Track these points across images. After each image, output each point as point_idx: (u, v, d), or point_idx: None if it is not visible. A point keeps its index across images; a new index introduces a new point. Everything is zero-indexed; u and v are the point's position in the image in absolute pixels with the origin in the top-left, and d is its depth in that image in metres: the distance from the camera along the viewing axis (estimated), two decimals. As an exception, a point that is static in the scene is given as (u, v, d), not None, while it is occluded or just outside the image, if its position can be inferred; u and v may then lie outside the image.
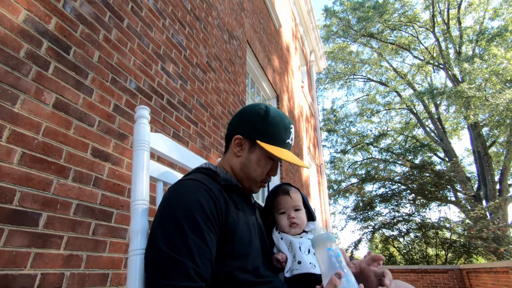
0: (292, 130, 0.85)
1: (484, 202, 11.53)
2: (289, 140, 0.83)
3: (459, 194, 12.02)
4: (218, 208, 0.68)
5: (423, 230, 9.65)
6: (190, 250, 0.58)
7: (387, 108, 17.10)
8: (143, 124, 0.89)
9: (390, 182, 12.55)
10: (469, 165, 15.49)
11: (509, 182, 12.10)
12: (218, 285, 0.65)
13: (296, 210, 0.92)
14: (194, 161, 1.13)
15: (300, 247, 0.84)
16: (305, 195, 1.02)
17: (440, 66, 14.57)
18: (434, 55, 14.68)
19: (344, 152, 16.98)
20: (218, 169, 0.83)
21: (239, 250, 0.69)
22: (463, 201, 11.25)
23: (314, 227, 0.95)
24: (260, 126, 0.81)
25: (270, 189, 1.01)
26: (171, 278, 0.56)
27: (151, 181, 0.89)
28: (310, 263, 0.81)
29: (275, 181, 4.38)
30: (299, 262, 0.81)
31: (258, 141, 0.80)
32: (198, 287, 0.56)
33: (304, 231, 0.93)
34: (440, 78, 21.07)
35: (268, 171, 0.84)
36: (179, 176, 1.04)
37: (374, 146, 16.37)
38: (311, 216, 0.99)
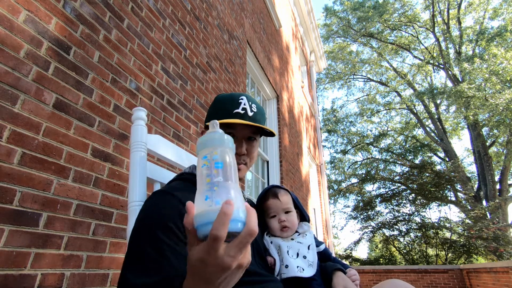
0: (244, 101, 0.77)
1: (484, 202, 11.53)
2: (238, 110, 0.76)
3: (459, 194, 12.03)
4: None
5: (423, 230, 9.64)
6: (146, 270, 0.56)
7: (387, 108, 17.10)
8: (140, 126, 0.90)
9: (390, 182, 12.55)
10: (469, 165, 15.51)
11: (509, 182, 12.10)
12: None
13: (287, 212, 0.91)
14: (191, 162, 1.13)
15: (288, 251, 0.84)
16: (295, 195, 1.00)
17: (440, 66, 14.57)
18: (434, 55, 14.68)
19: (344, 152, 16.98)
20: None
21: None
22: (463, 201, 11.26)
23: (308, 228, 0.95)
24: (211, 110, 0.82)
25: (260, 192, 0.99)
26: None
27: (148, 182, 0.89)
28: (297, 266, 0.81)
29: (276, 181, 4.38)
30: (286, 266, 0.81)
31: (207, 123, 0.78)
32: None
33: (297, 232, 0.92)
34: (440, 78, 21.14)
35: None
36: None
37: (374, 146, 16.37)
38: (303, 217, 0.98)
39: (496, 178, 12.13)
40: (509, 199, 11.29)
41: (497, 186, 11.76)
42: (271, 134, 0.85)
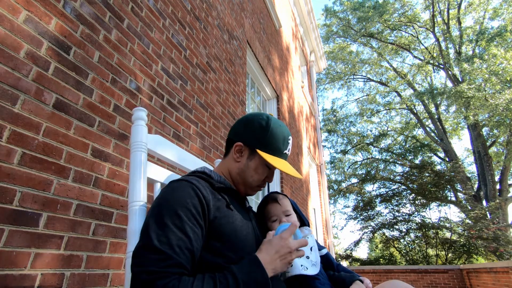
0: (290, 142, 0.92)
1: (484, 202, 11.53)
2: (286, 151, 0.90)
3: (459, 194, 12.02)
4: (204, 204, 0.72)
5: (423, 230, 9.64)
6: (169, 242, 0.62)
7: (387, 108, 17.09)
8: (141, 126, 0.89)
9: (390, 182, 12.55)
10: (469, 165, 15.52)
11: (509, 182, 12.10)
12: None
13: (287, 215, 0.94)
14: (191, 162, 1.13)
15: None
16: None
17: (440, 66, 14.57)
18: (434, 55, 14.68)
19: (344, 152, 16.98)
20: (213, 173, 0.87)
21: (232, 244, 0.73)
22: (463, 201, 11.25)
23: (309, 232, 0.96)
24: (261, 136, 0.86)
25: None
26: (145, 265, 0.59)
27: (148, 182, 0.89)
28: (301, 265, 0.82)
29: (276, 182, 4.38)
30: (290, 265, 0.82)
31: (258, 150, 0.85)
32: (172, 273, 0.59)
33: None
34: (440, 78, 21.10)
35: (264, 178, 0.90)
36: (177, 177, 1.05)
37: (374, 146, 16.37)
38: (303, 222, 1.01)
39: (496, 178, 12.12)
40: (509, 199, 11.29)
41: (497, 186, 11.76)
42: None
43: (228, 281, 0.61)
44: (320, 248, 0.98)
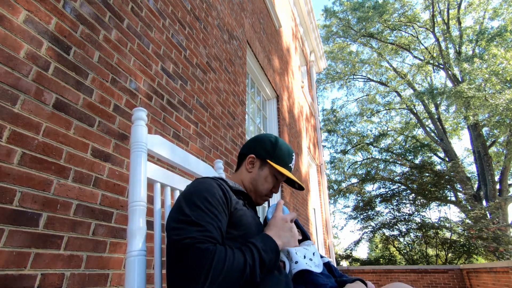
0: (294, 157, 1.06)
1: (484, 202, 11.53)
2: (291, 165, 1.04)
3: (459, 194, 12.02)
4: (227, 196, 0.81)
5: (423, 230, 9.64)
6: (204, 219, 0.71)
7: (387, 108, 17.09)
8: (141, 126, 0.89)
9: (390, 182, 12.55)
10: (469, 165, 15.52)
11: (509, 182, 12.10)
12: None
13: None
14: (192, 162, 1.13)
15: (296, 252, 0.91)
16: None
17: (440, 66, 14.57)
18: (434, 55, 14.68)
19: (344, 152, 16.98)
20: (228, 180, 0.97)
21: (247, 234, 0.80)
22: (463, 201, 11.24)
23: (310, 243, 1.01)
24: (271, 150, 1.01)
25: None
26: (186, 233, 0.68)
27: (148, 182, 0.89)
28: (306, 263, 0.87)
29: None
30: (296, 262, 0.87)
31: (269, 161, 0.98)
32: (210, 241, 0.67)
33: None
34: (440, 78, 21.11)
35: (272, 188, 1.02)
36: (177, 177, 1.05)
37: (374, 146, 16.37)
38: (305, 236, 1.06)
39: (496, 178, 12.12)
40: (509, 199, 11.29)
41: (497, 186, 11.76)
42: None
43: (251, 248, 0.73)
44: (322, 256, 1.02)
